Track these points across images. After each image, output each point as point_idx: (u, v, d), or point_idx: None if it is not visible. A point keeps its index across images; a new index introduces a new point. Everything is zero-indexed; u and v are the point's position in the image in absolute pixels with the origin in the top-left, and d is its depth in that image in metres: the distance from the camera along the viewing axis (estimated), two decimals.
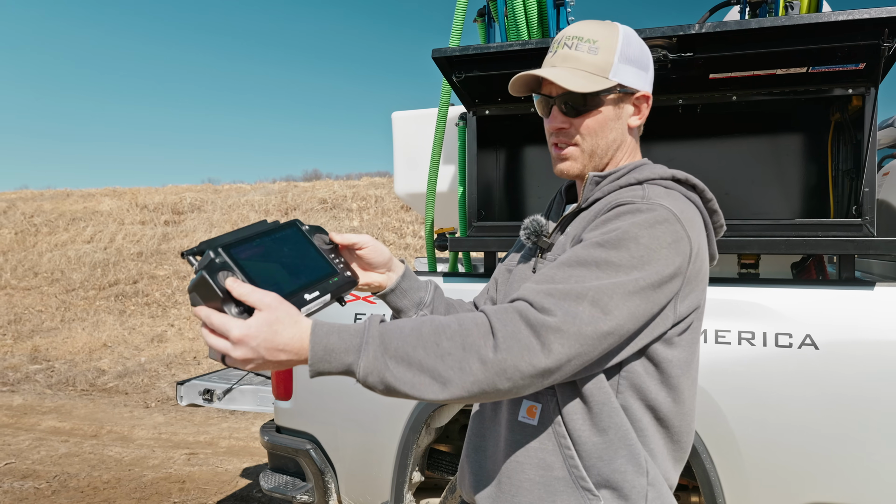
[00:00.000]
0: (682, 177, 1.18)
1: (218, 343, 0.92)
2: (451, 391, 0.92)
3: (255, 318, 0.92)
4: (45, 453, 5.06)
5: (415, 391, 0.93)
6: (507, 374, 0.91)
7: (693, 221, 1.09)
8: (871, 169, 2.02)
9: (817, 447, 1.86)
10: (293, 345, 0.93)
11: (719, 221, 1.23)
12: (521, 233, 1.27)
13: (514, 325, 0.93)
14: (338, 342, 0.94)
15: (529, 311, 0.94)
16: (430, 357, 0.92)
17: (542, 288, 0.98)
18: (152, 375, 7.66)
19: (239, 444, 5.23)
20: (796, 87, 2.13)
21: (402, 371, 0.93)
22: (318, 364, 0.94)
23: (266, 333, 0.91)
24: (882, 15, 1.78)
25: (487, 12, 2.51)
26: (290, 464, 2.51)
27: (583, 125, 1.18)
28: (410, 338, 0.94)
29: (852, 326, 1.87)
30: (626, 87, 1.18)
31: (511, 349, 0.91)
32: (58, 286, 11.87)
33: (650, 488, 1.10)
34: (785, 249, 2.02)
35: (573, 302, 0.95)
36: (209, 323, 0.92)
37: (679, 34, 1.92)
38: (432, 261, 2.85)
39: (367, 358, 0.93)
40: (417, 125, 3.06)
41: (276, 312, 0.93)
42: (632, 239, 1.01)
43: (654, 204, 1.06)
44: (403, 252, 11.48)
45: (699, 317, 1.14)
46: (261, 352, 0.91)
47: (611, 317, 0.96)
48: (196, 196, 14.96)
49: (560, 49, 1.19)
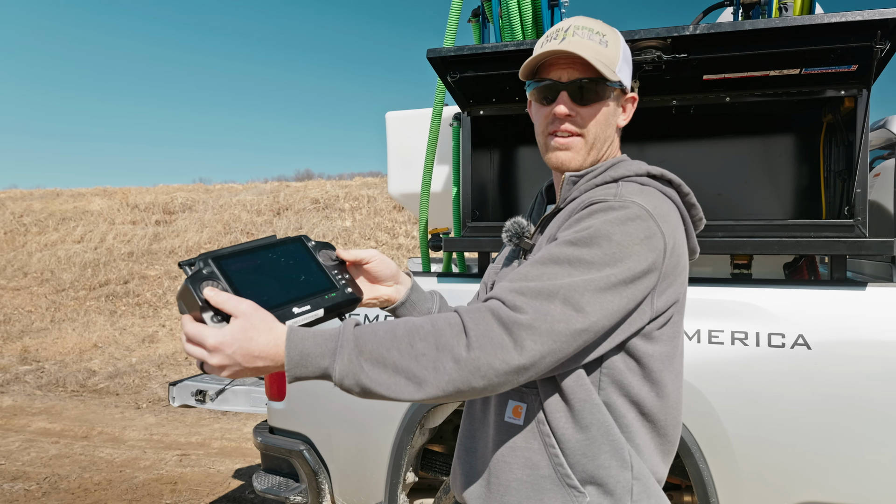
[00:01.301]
0: (658, 172, 1.18)
1: (195, 351, 0.94)
2: (426, 391, 0.93)
3: (231, 325, 0.94)
4: (36, 455, 5.02)
5: (390, 392, 0.94)
6: (482, 372, 0.92)
7: (668, 217, 1.09)
8: (862, 170, 2.03)
9: (810, 446, 1.87)
10: (269, 351, 0.94)
11: (698, 215, 1.23)
12: (503, 235, 1.27)
13: (487, 324, 0.93)
14: (313, 346, 0.95)
15: (501, 309, 0.95)
16: (405, 358, 0.93)
17: (515, 286, 0.98)
18: (143, 376, 7.62)
19: (231, 445, 5.21)
20: (789, 89, 2.14)
21: (376, 373, 0.93)
22: (295, 369, 0.94)
23: (241, 340, 0.93)
24: (874, 17, 1.79)
25: (482, 13, 2.51)
26: (283, 465, 2.50)
27: (591, 115, 1.17)
28: (385, 339, 0.95)
29: (844, 326, 1.88)
30: (624, 85, 1.20)
31: (484, 347, 0.92)
32: (48, 286, 11.78)
33: (635, 482, 1.10)
34: (777, 250, 2.03)
35: (545, 300, 0.95)
36: (186, 331, 0.95)
37: (673, 35, 1.93)
38: (426, 261, 2.84)
39: (343, 361, 0.94)
40: (411, 125, 3.05)
41: (251, 319, 0.94)
42: (604, 236, 1.01)
43: (627, 201, 1.06)
44: (396, 252, 11.47)
45: (679, 310, 1.15)
46: (237, 358, 0.93)
47: (583, 314, 0.96)
48: (187, 196, 14.90)
49: (569, 37, 1.16)
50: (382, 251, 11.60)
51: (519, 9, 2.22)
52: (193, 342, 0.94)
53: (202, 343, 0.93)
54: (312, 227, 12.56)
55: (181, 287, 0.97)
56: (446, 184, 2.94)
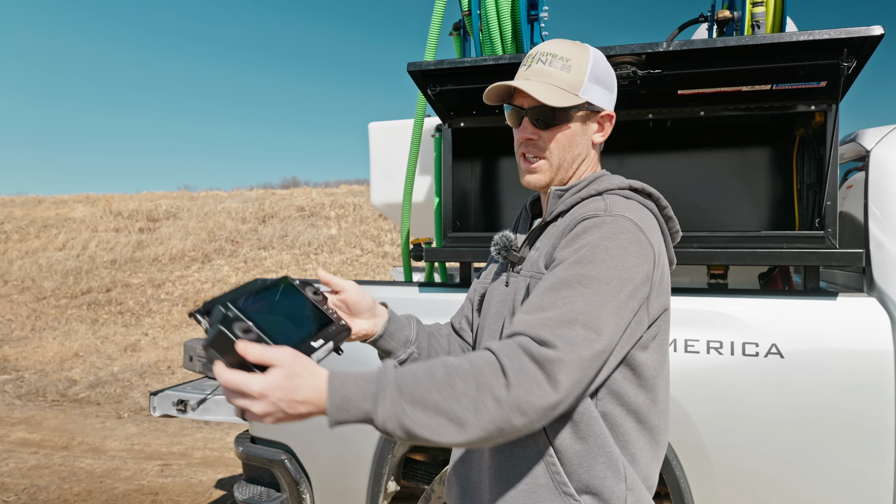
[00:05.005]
0: (639, 186, 1.24)
1: (239, 401, 0.93)
2: (468, 432, 0.94)
3: (274, 372, 0.93)
4: (14, 465, 4.95)
5: (433, 435, 0.94)
6: (521, 409, 0.94)
7: (653, 228, 1.16)
8: (832, 182, 2.08)
9: (783, 454, 1.91)
10: (312, 396, 0.94)
11: (675, 227, 1.28)
12: (491, 248, 1.31)
13: (521, 362, 0.96)
14: (354, 390, 0.95)
15: (531, 345, 0.97)
16: (446, 399, 0.94)
17: (536, 318, 1.01)
18: (125, 385, 7.54)
19: (213, 455, 5.18)
20: (761, 104, 2.19)
21: (419, 415, 0.94)
22: (337, 413, 0.95)
23: (286, 388, 0.92)
24: (841, 36, 1.85)
25: (462, 27, 2.55)
26: (264, 474, 2.49)
27: (551, 138, 1.24)
28: (424, 381, 0.96)
29: (816, 336, 1.92)
30: (594, 105, 1.24)
31: (522, 385, 0.94)
32: (28, 294, 11.64)
33: (629, 493, 1.13)
34: (751, 261, 2.07)
35: (567, 327, 0.99)
36: (227, 382, 0.93)
37: (648, 52, 1.97)
38: (408, 271, 2.86)
39: (385, 404, 0.94)
40: (394, 136, 3.08)
41: (294, 366, 0.94)
42: (602, 250, 1.06)
43: (617, 215, 1.12)
44: (381, 260, 11.47)
45: (667, 318, 1.19)
46: (281, 405, 0.92)
47: (602, 335, 1.00)
48: (172, 203, 14.80)
49: (534, 64, 1.24)
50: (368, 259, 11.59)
51: (499, 23, 2.25)
52: (235, 391, 0.93)
53: (247, 392, 0.92)
54: (298, 235, 12.53)
55: (213, 334, 0.94)
56: (428, 194, 2.97)
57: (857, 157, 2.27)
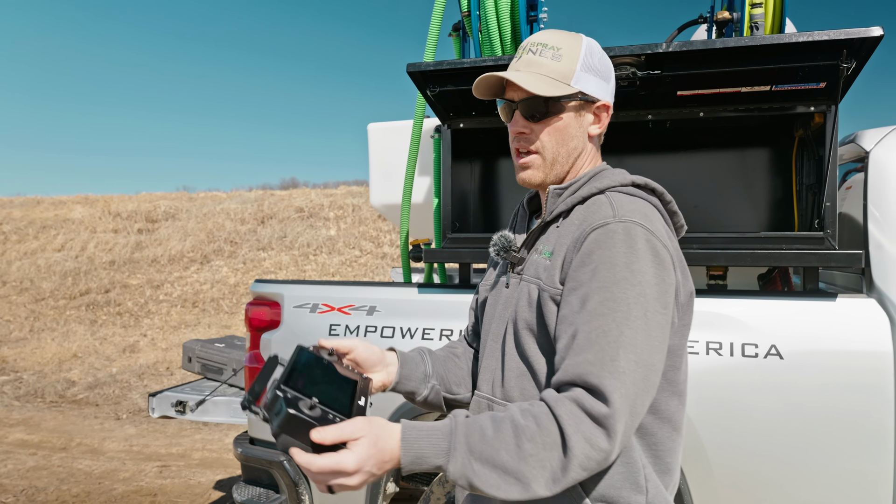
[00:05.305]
0: (642, 182, 1.21)
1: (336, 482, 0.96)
2: (533, 490, 0.97)
3: (361, 443, 0.96)
4: (13, 467, 4.95)
5: (500, 492, 0.98)
6: (584, 465, 0.97)
7: (659, 227, 1.13)
8: (832, 183, 2.08)
9: (783, 455, 1.90)
10: (395, 453, 0.98)
11: (680, 222, 1.26)
12: (490, 249, 1.29)
13: (578, 419, 0.97)
14: (427, 447, 0.99)
15: (586, 400, 0.98)
16: (513, 459, 0.97)
17: (580, 361, 1.01)
18: (124, 386, 7.53)
19: (212, 456, 5.17)
20: (761, 105, 2.19)
21: (487, 473, 0.98)
22: (410, 467, 0.99)
23: (375, 454, 0.96)
24: (840, 37, 1.85)
25: (462, 27, 2.55)
26: (263, 476, 2.49)
27: (543, 131, 1.19)
28: (493, 440, 0.99)
29: (815, 337, 1.92)
30: (588, 95, 1.20)
31: (582, 445, 0.96)
32: (27, 295, 11.63)
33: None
34: (751, 262, 2.07)
35: (611, 366, 0.99)
36: (322, 468, 0.94)
37: (647, 52, 1.98)
38: (407, 272, 2.86)
39: (456, 463, 0.98)
40: (393, 137, 3.08)
41: (374, 431, 0.98)
42: (622, 267, 1.04)
43: (627, 221, 1.08)
44: (380, 261, 11.47)
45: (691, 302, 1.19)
46: (373, 471, 0.97)
47: (652, 367, 1.02)
48: (170, 204, 14.79)
49: (525, 55, 1.21)
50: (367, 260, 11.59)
51: (498, 24, 2.25)
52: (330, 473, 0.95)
53: (342, 471, 0.94)
54: (297, 236, 12.52)
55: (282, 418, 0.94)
56: (427, 195, 2.97)
57: (857, 158, 2.27)
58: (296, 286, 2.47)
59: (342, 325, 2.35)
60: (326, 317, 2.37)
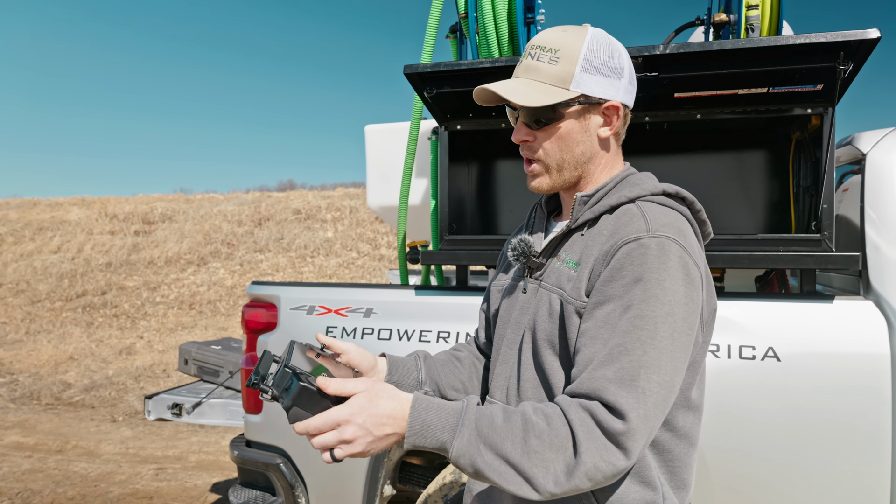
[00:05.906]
0: (673, 191, 1.18)
1: (327, 438, 0.96)
2: (534, 488, 0.95)
3: (356, 397, 0.97)
4: (8, 469, 4.93)
5: (502, 481, 0.96)
6: (589, 476, 0.95)
7: (694, 244, 1.10)
8: (829, 186, 2.08)
9: (780, 457, 1.90)
10: (396, 414, 0.98)
11: (707, 230, 1.23)
12: (509, 253, 1.25)
13: (591, 431, 0.96)
14: (435, 419, 0.98)
15: (601, 413, 0.96)
16: (518, 451, 0.96)
17: (598, 376, 0.99)
18: (120, 389, 7.51)
19: (208, 459, 5.16)
20: (758, 107, 2.19)
21: (491, 458, 0.96)
22: (414, 438, 0.97)
23: (369, 408, 0.96)
24: (837, 39, 1.85)
25: (459, 29, 2.55)
26: (260, 478, 2.48)
27: (545, 138, 1.16)
28: (501, 429, 0.97)
29: (812, 339, 1.92)
30: (591, 97, 1.14)
31: (593, 455, 0.95)
32: (23, 297, 11.59)
33: None
34: (748, 264, 2.07)
35: (631, 385, 0.97)
36: (314, 425, 0.96)
37: (644, 54, 1.97)
38: (404, 274, 2.86)
39: (462, 440, 0.97)
40: (390, 139, 3.07)
41: (374, 389, 0.98)
42: (654, 284, 1.02)
43: (661, 236, 1.05)
44: (378, 263, 11.46)
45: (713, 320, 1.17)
46: (367, 426, 0.96)
47: (673, 388, 1.00)
48: (167, 206, 14.77)
49: (525, 59, 1.18)
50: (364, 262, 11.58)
51: (495, 26, 2.25)
52: (323, 429, 0.96)
53: (334, 423, 0.95)
54: (294, 238, 12.51)
55: (294, 391, 0.99)
56: (424, 197, 2.97)
57: (854, 161, 2.27)
58: (293, 288, 2.46)
59: (339, 327, 2.34)
60: (323, 319, 2.36)
